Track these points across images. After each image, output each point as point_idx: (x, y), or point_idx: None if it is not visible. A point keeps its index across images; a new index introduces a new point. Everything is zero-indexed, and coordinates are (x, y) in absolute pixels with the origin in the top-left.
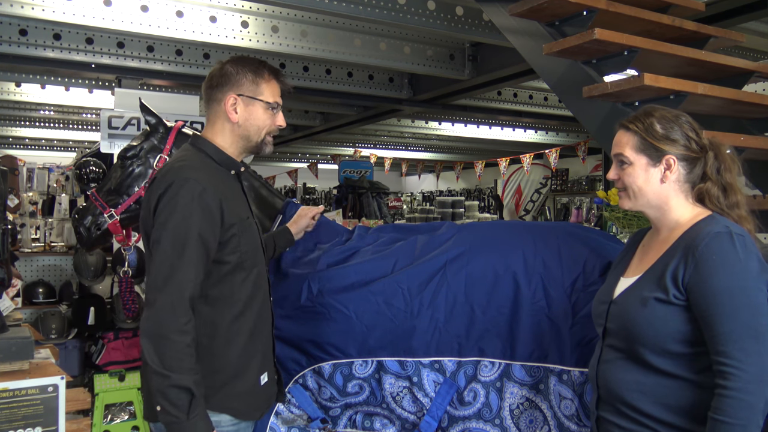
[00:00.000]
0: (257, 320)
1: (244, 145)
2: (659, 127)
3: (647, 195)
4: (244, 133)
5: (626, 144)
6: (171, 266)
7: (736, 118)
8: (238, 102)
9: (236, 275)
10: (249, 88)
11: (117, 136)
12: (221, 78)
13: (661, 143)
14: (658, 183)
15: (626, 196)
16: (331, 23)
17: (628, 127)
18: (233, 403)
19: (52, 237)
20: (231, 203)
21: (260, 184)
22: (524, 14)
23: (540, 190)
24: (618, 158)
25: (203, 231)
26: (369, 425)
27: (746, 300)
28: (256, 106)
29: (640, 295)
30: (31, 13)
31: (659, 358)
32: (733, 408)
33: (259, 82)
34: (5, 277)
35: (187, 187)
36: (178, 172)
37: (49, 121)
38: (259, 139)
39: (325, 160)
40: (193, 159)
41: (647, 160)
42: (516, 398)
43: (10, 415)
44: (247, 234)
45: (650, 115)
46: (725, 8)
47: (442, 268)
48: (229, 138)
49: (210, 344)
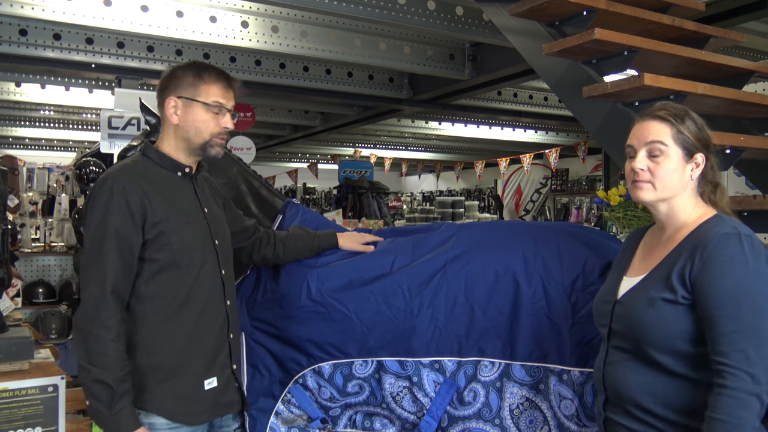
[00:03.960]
0: (199, 321)
1: (186, 146)
2: (696, 126)
3: (674, 188)
4: (185, 135)
5: (665, 133)
6: (90, 263)
7: (736, 118)
8: (177, 104)
9: (169, 273)
10: (188, 90)
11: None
12: (165, 81)
13: (697, 141)
14: (685, 179)
15: (651, 187)
16: (331, 23)
17: (665, 119)
18: (168, 404)
19: (52, 237)
20: (162, 201)
21: (260, 184)
22: (524, 14)
23: (540, 190)
24: (653, 146)
25: (120, 227)
26: (369, 425)
27: (751, 302)
28: (195, 107)
29: (647, 295)
30: (31, 13)
31: (668, 358)
32: (729, 407)
33: (198, 84)
34: (5, 277)
35: (106, 187)
36: (105, 175)
37: (49, 121)
38: (201, 140)
39: (325, 160)
40: (127, 163)
41: (683, 154)
42: (516, 398)
43: (10, 415)
44: (183, 232)
45: (687, 113)
46: (725, 8)
47: (442, 268)
48: (173, 141)
49: (145, 342)
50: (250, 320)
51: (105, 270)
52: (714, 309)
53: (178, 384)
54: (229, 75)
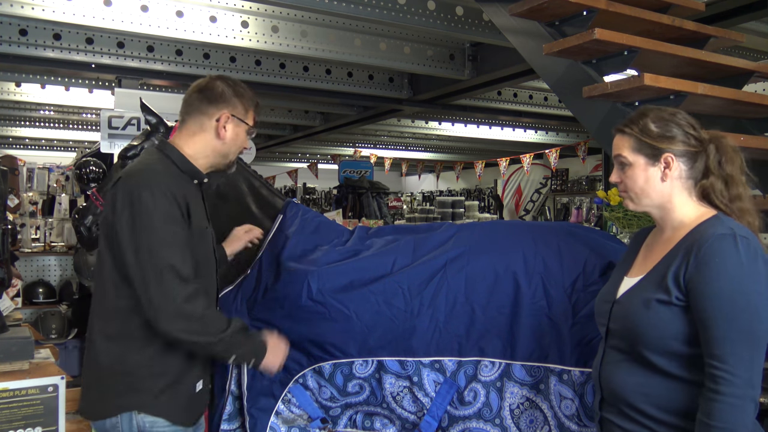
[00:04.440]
0: None
1: (219, 161)
2: (654, 126)
3: (649, 195)
4: (225, 151)
5: (623, 146)
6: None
7: (736, 118)
8: (230, 121)
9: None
10: (241, 111)
11: (117, 136)
12: (218, 94)
13: (657, 142)
14: (659, 182)
15: (629, 198)
16: (331, 23)
17: (623, 131)
18: (171, 408)
19: (52, 237)
20: (193, 209)
21: (260, 184)
22: (524, 14)
23: (540, 190)
24: (618, 161)
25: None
26: (369, 425)
27: (745, 305)
28: (242, 129)
29: (643, 296)
30: (31, 13)
31: (663, 359)
32: (724, 412)
33: (248, 107)
34: (5, 277)
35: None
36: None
37: (49, 121)
38: (233, 158)
39: (325, 160)
40: (158, 164)
41: (645, 160)
42: (516, 398)
43: (10, 415)
44: (203, 243)
45: (644, 115)
46: (725, 8)
47: (443, 268)
48: (206, 151)
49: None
50: (250, 320)
51: (173, 263)
52: (708, 311)
53: (179, 388)
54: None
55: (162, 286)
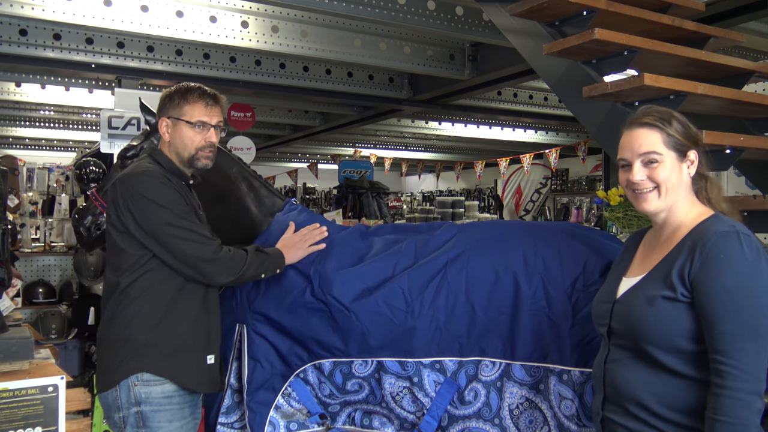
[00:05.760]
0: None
1: (178, 160)
2: (678, 124)
3: (676, 191)
4: (175, 150)
5: (655, 141)
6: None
7: (736, 118)
8: (168, 123)
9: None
10: (174, 110)
11: (117, 136)
12: (159, 104)
13: (684, 138)
14: (683, 178)
15: (655, 195)
16: (331, 23)
17: (652, 125)
18: (177, 371)
19: (52, 237)
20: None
21: (260, 184)
22: (524, 14)
23: (540, 190)
24: (647, 156)
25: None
26: (368, 423)
27: (750, 300)
28: (181, 126)
29: (646, 294)
30: (31, 13)
31: (668, 356)
32: (732, 408)
33: (183, 105)
34: (5, 277)
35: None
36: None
37: (49, 121)
38: (188, 154)
39: (325, 160)
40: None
41: (676, 155)
42: (516, 398)
43: (10, 415)
44: None
45: (670, 113)
46: (725, 8)
47: (443, 269)
48: (171, 155)
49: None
50: (251, 313)
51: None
52: (713, 307)
53: (188, 355)
54: (212, 94)
55: (196, 248)
